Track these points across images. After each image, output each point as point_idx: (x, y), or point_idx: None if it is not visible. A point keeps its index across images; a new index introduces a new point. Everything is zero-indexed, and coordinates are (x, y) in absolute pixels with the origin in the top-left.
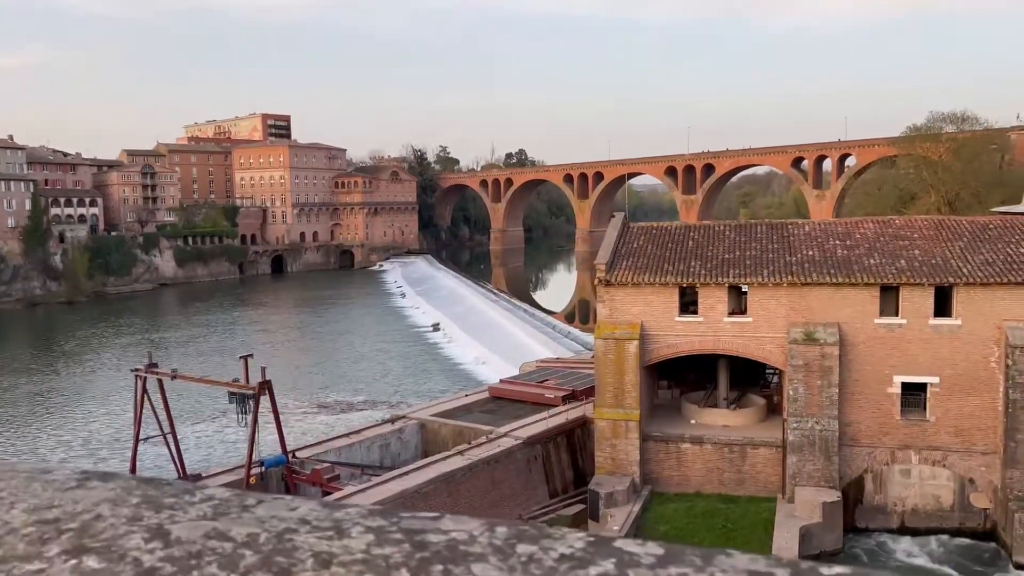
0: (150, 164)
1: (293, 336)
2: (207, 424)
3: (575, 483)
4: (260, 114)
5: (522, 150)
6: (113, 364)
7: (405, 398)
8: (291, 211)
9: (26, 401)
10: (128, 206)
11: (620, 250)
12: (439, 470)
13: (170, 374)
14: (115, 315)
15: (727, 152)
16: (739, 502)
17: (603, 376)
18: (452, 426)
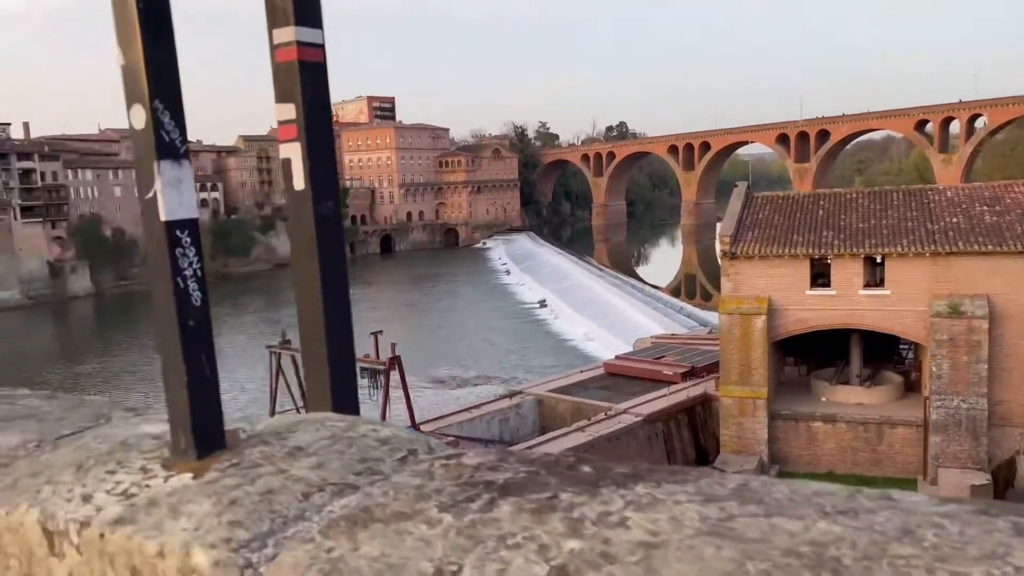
0: (265, 149)
1: (404, 313)
2: None
3: (697, 462)
4: (366, 97)
5: (623, 122)
6: (239, 341)
7: (516, 374)
8: (398, 191)
9: (159, 377)
10: (246, 190)
11: (745, 221)
12: (561, 446)
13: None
14: (238, 294)
15: (843, 117)
16: (875, 483)
17: (728, 352)
18: (570, 402)
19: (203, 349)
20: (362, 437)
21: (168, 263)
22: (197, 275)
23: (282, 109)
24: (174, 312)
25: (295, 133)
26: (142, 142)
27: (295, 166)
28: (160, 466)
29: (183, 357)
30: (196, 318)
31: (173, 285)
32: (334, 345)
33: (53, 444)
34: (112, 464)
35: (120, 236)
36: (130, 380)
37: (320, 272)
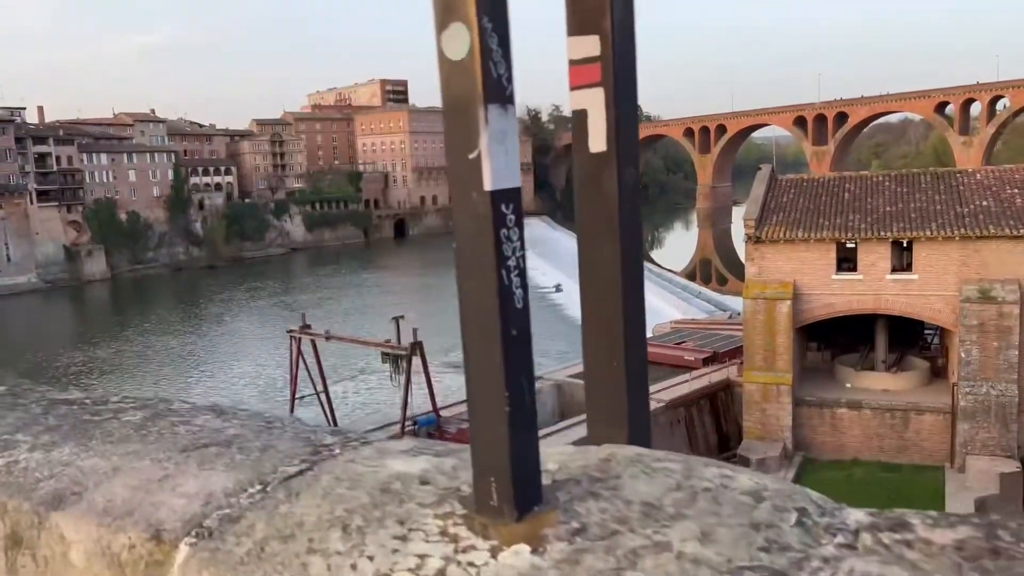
0: (278, 132)
1: (419, 297)
2: (347, 383)
3: (719, 448)
4: (378, 80)
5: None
6: (256, 325)
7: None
8: (411, 175)
9: (177, 361)
10: (259, 174)
11: (769, 204)
12: (580, 432)
13: (324, 335)
14: (253, 278)
15: (862, 99)
16: (902, 470)
17: (752, 337)
18: None
19: (524, 368)
20: (724, 489)
21: (492, 249)
22: (521, 266)
23: (579, 43)
24: (496, 317)
25: (597, 76)
26: (461, 78)
27: (593, 120)
28: (468, 529)
29: (505, 379)
30: (519, 325)
31: (497, 280)
32: (633, 352)
33: (284, 488)
34: (393, 525)
35: (135, 220)
36: (147, 365)
37: (621, 258)
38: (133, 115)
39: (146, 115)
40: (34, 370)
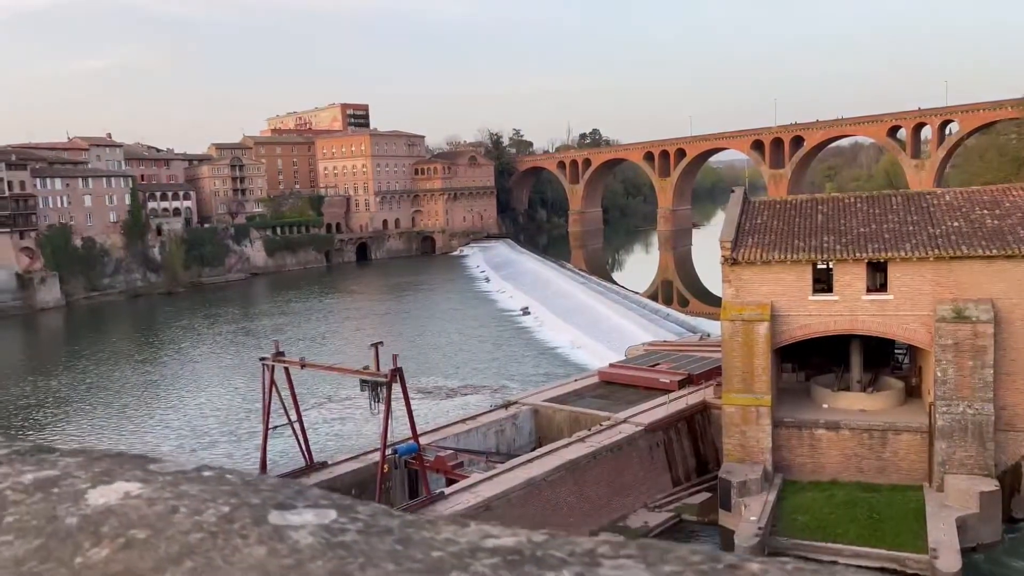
0: (238, 157)
1: (383, 322)
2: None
3: (697, 471)
4: (339, 104)
5: (596, 130)
6: (217, 353)
7: (504, 383)
8: (373, 199)
9: (136, 391)
10: (219, 198)
11: (744, 226)
12: (563, 457)
13: (299, 363)
14: (213, 304)
15: (817, 123)
16: (881, 491)
17: (731, 359)
18: (567, 412)
19: None
20: None
21: None
22: None
23: None
24: None
25: None
26: None
27: None
28: None
29: None
30: None
31: None
32: None
33: None
34: None
35: (90, 246)
36: (103, 397)
37: None
38: (88, 139)
39: (102, 139)
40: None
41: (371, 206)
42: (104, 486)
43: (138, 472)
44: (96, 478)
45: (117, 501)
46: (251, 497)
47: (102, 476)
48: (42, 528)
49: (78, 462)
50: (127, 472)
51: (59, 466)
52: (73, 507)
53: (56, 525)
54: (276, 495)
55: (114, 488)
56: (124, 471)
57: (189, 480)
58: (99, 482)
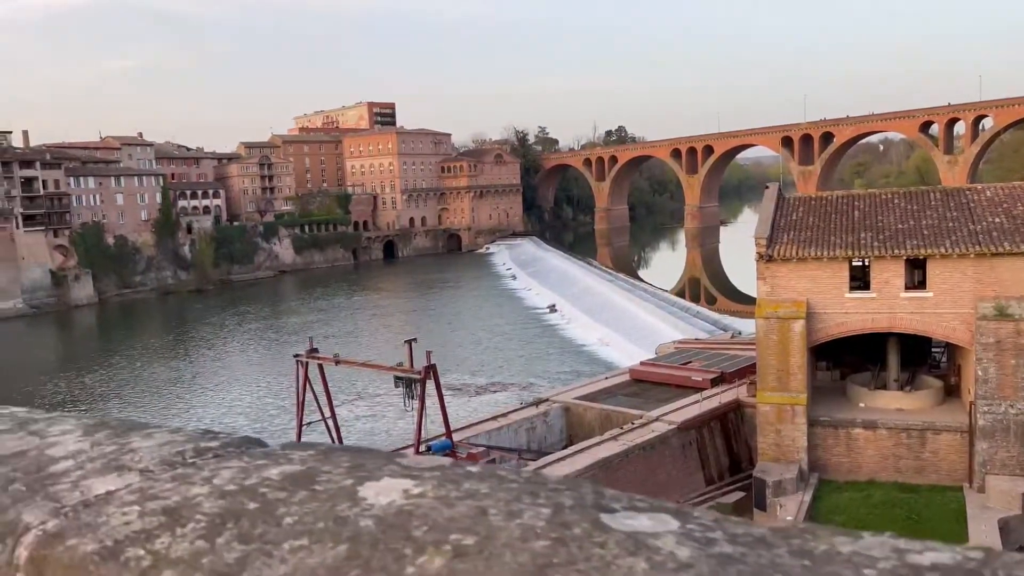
0: (267, 155)
1: (411, 320)
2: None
3: (730, 470)
4: (366, 103)
5: (622, 127)
6: (247, 350)
7: (532, 380)
8: (400, 197)
9: (168, 387)
10: (248, 197)
11: (779, 223)
12: (595, 456)
13: (333, 359)
14: (242, 302)
15: (847, 119)
16: (920, 491)
17: (765, 357)
18: (598, 410)
19: None
20: None
21: None
22: None
23: None
24: None
25: None
26: None
27: None
28: None
29: None
30: None
31: None
32: None
33: None
34: None
35: (122, 244)
36: (136, 391)
37: None
38: (120, 139)
39: (133, 139)
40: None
41: (398, 204)
42: (373, 483)
43: (394, 467)
44: (351, 473)
45: (403, 500)
46: (558, 497)
47: (356, 471)
48: (337, 532)
49: (311, 455)
50: (384, 467)
51: (294, 460)
52: (354, 507)
53: (352, 528)
54: (582, 495)
55: (386, 485)
56: (379, 465)
57: (462, 477)
58: (362, 478)
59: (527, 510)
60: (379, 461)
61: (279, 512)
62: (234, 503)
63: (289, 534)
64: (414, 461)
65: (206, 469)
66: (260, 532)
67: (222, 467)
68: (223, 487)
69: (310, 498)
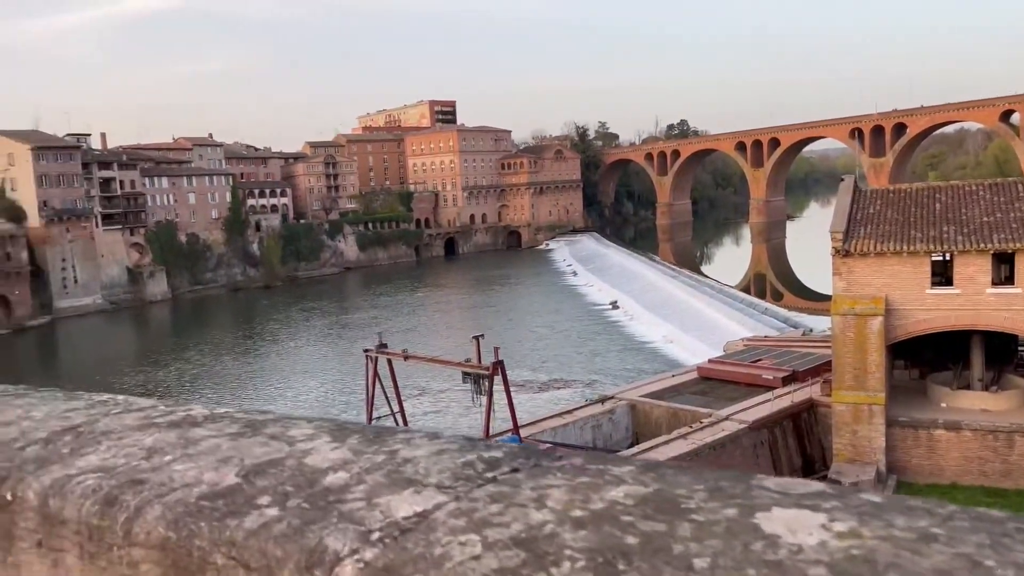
0: (332, 154)
1: (472, 316)
2: (413, 403)
3: (803, 470)
4: (427, 101)
5: (684, 121)
6: (313, 345)
7: (596, 377)
8: (461, 194)
9: (237, 382)
10: (313, 195)
11: (855, 216)
12: (664, 454)
13: (402, 354)
14: (308, 298)
15: (921, 109)
16: (1008, 496)
17: (841, 355)
18: (665, 408)
19: None
20: None
21: None
22: None
23: None
24: None
25: None
26: None
27: None
28: None
29: None
30: None
31: None
32: None
33: None
34: None
35: (194, 242)
36: (207, 385)
37: None
38: (192, 139)
39: (204, 139)
40: (95, 391)
41: (459, 201)
42: (765, 513)
43: (769, 492)
44: (718, 498)
45: (839, 542)
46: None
47: (722, 496)
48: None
49: (636, 471)
50: (753, 491)
51: (626, 478)
52: (776, 548)
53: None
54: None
55: (793, 518)
56: (744, 490)
57: (875, 509)
58: (744, 507)
59: (959, 544)
60: (739, 485)
61: (677, 550)
62: (602, 535)
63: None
64: (781, 485)
65: (525, 488)
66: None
67: (544, 486)
68: (569, 513)
69: (701, 531)
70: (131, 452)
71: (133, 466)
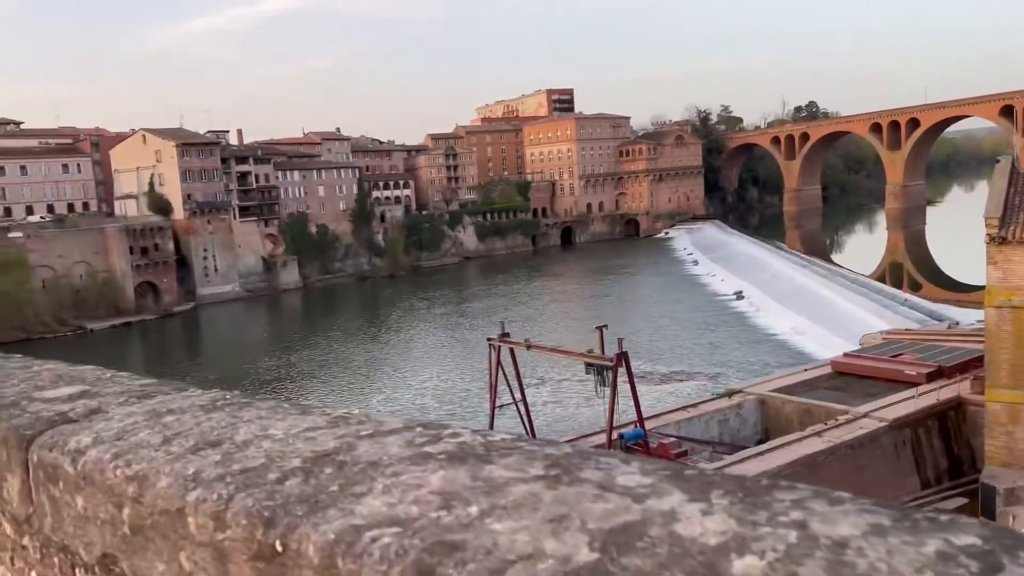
0: (452, 146)
1: (590, 305)
2: (531, 392)
3: (950, 473)
4: (544, 90)
5: (812, 102)
6: (435, 334)
7: (719, 371)
8: (578, 183)
9: (364, 368)
10: (434, 186)
11: (1013, 201)
12: (797, 452)
13: (524, 344)
14: (429, 287)
15: None
16: None
17: (997, 351)
18: (796, 403)
19: None
20: None
21: None
22: None
23: None
24: None
25: None
26: None
27: None
28: None
29: None
30: None
31: None
32: None
33: None
34: None
35: (324, 232)
36: (335, 370)
37: None
38: (320, 134)
39: (332, 133)
40: (236, 375)
41: (575, 190)
42: None
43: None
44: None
45: None
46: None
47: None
48: None
49: None
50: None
51: None
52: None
53: None
54: None
55: None
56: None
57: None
58: None
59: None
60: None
61: None
62: None
63: None
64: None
65: None
66: None
67: None
68: None
69: None
70: (421, 497)
71: (434, 519)
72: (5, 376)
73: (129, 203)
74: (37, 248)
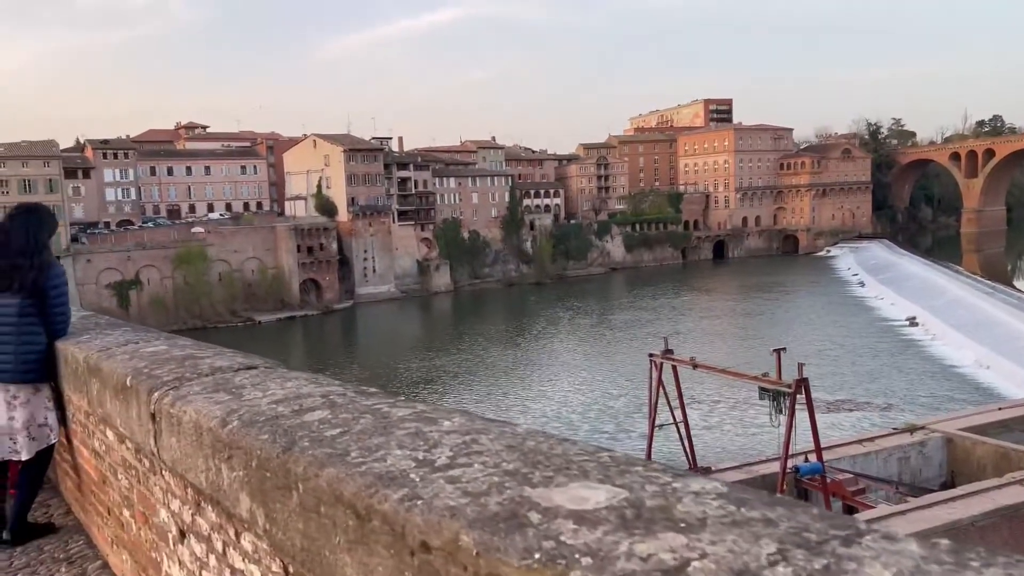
0: (603, 156)
1: (742, 324)
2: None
3: None
4: (702, 100)
5: (997, 116)
6: (581, 345)
7: (891, 402)
8: (734, 196)
9: (508, 375)
10: (584, 196)
11: None
12: (995, 501)
13: (690, 362)
14: (574, 296)
15: None
16: None
17: None
18: (991, 446)
19: None
20: None
21: None
22: None
23: None
24: None
25: None
26: None
27: None
28: None
29: None
30: None
31: None
32: None
33: None
34: None
35: (475, 238)
36: (481, 375)
37: None
38: (476, 142)
39: (487, 142)
40: (386, 373)
41: (731, 203)
42: None
43: None
44: None
45: None
46: None
47: None
48: None
49: None
50: None
51: None
52: None
53: None
54: None
55: None
56: None
57: None
58: None
59: None
60: None
61: None
62: None
63: None
64: None
65: None
66: None
67: None
68: None
69: None
70: None
71: None
72: None
73: (298, 204)
74: (216, 243)
